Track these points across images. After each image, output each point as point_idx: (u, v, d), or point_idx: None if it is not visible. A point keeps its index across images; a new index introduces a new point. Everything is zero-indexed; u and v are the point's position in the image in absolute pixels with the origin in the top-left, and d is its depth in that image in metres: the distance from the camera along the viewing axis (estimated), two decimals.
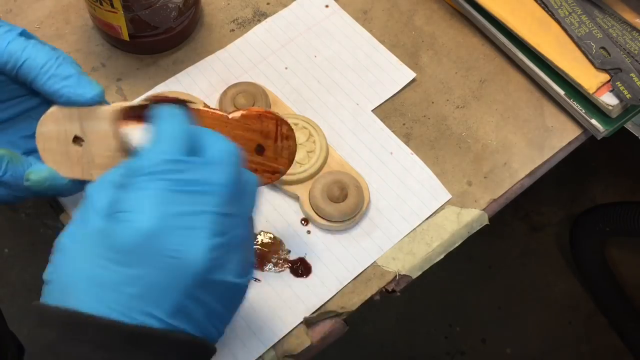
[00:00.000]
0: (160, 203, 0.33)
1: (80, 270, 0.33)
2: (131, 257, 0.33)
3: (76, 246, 0.34)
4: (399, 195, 0.55)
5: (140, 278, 0.32)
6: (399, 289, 0.52)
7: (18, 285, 1.23)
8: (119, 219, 0.33)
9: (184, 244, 0.33)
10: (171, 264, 0.33)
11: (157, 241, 0.33)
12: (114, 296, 0.32)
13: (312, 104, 0.59)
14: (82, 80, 0.41)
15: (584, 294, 1.28)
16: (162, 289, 0.33)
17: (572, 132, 0.59)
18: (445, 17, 0.64)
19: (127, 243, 0.32)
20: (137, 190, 0.34)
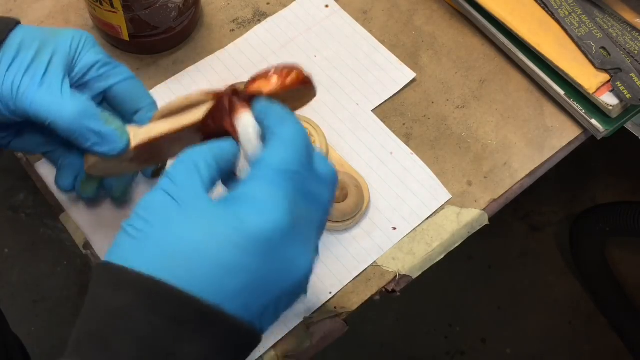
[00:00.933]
0: (293, 203, 0.34)
1: (193, 243, 0.32)
2: (257, 247, 0.32)
3: (184, 213, 0.33)
4: (399, 195, 0.55)
5: (255, 270, 0.33)
6: (399, 289, 0.52)
7: (18, 285, 1.23)
8: (245, 203, 0.33)
9: (301, 252, 0.34)
10: (286, 266, 0.34)
11: (284, 241, 0.33)
12: (228, 281, 0.32)
13: (312, 104, 0.58)
14: (106, 137, 0.41)
15: (584, 294, 1.28)
16: (267, 285, 0.33)
17: (572, 132, 0.59)
18: (445, 17, 0.64)
19: (257, 233, 0.33)
20: (269, 183, 0.34)
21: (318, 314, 0.50)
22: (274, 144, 0.36)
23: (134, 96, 0.46)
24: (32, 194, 1.31)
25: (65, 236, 1.26)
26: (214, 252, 0.32)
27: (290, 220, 0.33)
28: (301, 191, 0.35)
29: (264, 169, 0.34)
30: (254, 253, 0.32)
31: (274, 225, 0.33)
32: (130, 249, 0.33)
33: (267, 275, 0.33)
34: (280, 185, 0.34)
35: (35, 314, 1.21)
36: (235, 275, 0.32)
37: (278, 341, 0.49)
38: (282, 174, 0.34)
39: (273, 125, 0.36)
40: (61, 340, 1.19)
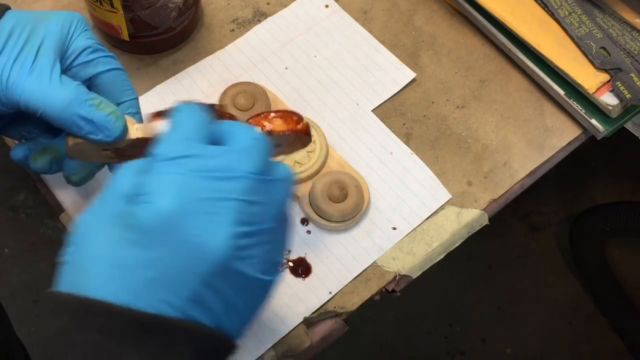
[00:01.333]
0: (182, 186, 0.32)
1: (97, 251, 0.32)
2: (150, 238, 0.32)
3: (93, 228, 0.33)
4: (399, 195, 0.55)
5: (158, 261, 0.31)
6: (399, 289, 0.52)
7: (18, 285, 1.23)
8: (139, 200, 0.32)
9: (205, 229, 0.32)
10: (191, 248, 0.32)
11: (177, 224, 0.32)
12: (129, 279, 0.31)
13: (312, 104, 0.59)
14: (100, 124, 0.40)
15: (584, 294, 1.28)
16: (180, 274, 0.32)
17: (572, 132, 0.59)
18: (445, 17, 0.64)
19: (147, 224, 0.32)
20: (158, 174, 0.33)
21: (318, 314, 0.50)
22: (163, 142, 0.35)
23: (118, 88, 0.44)
24: (32, 194, 1.31)
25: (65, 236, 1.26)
26: (113, 255, 0.32)
27: (180, 200, 0.32)
28: (202, 167, 0.33)
29: (151, 162, 0.34)
30: (147, 245, 0.32)
31: (157, 212, 0.32)
32: (64, 274, 0.34)
33: (175, 261, 0.32)
34: (169, 170, 0.33)
35: (35, 314, 1.21)
36: (141, 270, 0.31)
37: (278, 341, 0.49)
38: (172, 160, 0.33)
39: (173, 115, 0.36)
40: None
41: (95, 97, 0.40)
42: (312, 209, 0.53)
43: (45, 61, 0.40)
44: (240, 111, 0.56)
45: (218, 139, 0.36)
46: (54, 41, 0.41)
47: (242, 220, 0.33)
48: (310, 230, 0.53)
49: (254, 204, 0.33)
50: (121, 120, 0.40)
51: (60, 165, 0.46)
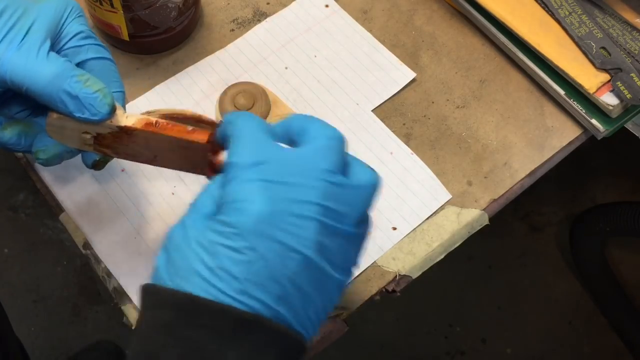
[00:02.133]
0: (268, 190, 0.34)
1: (194, 255, 0.34)
2: (245, 242, 0.33)
3: (189, 234, 0.34)
4: (399, 195, 0.55)
5: (252, 262, 0.33)
6: (399, 289, 0.52)
7: (18, 285, 1.23)
8: (230, 208, 0.34)
9: (293, 229, 0.33)
10: (281, 248, 0.33)
11: (269, 225, 0.33)
12: (226, 281, 0.33)
13: (312, 103, 0.59)
14: (85, 101, 0.39)
15: (584, 294, 1.28)
16: (271, 273, 0.33)
17: (572, 132, 0.59)
18: (445, 17, 0.64)
19: (243, 228, 0.33)
20: (243, 182, 0.34)
21: None
22: (230, 145, 0.36)
23: (105, 78, 0.43)
24: (32, 194, 1.31)
25: (65, 236, 1.26)
26: (210, 259, 0.33)
27: (270, 203, 0.33)
28: (279, 174, 0.34)
29: (230, 172, 0.35)
30: (241, 248, 0.33)
31: (251, 216, 0.33)
32: (164, 267, 0.35)
33: (267, 261, 0.33)
34: (251, 178, 0.34)
35: (35, 314, 1.21)
36: (236, 272, 0.33)
37: None
38: (247, 170, 0.34)
39: (228, 132, 0.37)
40: (61, 340, 1.19)
41: (83, 73, 0.39)
42: None
43: (34, 38, 0.39)
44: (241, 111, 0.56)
45: (292, 138, 0.37)
46: (46, 23, 0.40)
47: (326, 224, 0.34)
48: None
49: (336, 207, 0.35)
50: (108, 99, 0.39)
51: (31, 141, 0.44)
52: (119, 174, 0.55)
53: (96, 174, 0.55)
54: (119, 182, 0.54)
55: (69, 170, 0.55)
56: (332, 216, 0.34)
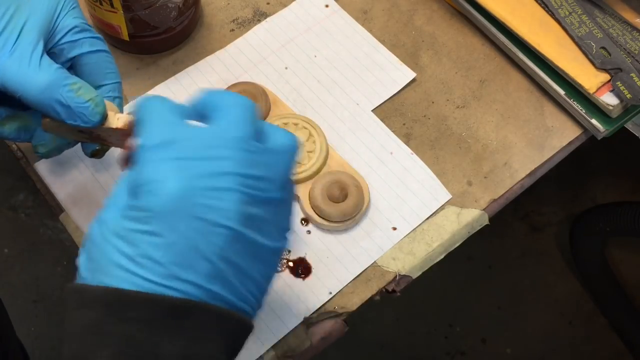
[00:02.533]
0: (181, 167, 0.32)
1: (112, 248, 0.32)
2: (163, 223, 0.32)
3: (105, 228, 0.33)
4: (399, 195, 0.55)
5: (175, 244, 0.32)
6: (399, 289, 0.52)
7: (18, 285, 1.23)
8: (142, 192, 0.32)
9: (213, 203, 0.32)
10: (202, 225, 0.32)
11: (185, 205, 0.32)
12: (150, 268, 0.32)
13: (312, 103, 0.59)
14: (76, 110, 0.39)
15: (584, 294, 1.27)
16: (196, 252, 0.32)
17: (572, 132, 0.59)
18: (445, 17, 0.64)
19: (157, 210, 0.32)
20: (152, 162, 0.33)
21: (318, 314, 0.50)
22: (139, 129, 0.35)
23: (101, 70, 0.43)
24: (32, 194, 1.31)
25: (65, 236, 1.26)
26: (130, 248, 0.32)
27: (184, 180, 0.32)
28: (189, 149, 0.33)
29: (139, 154, 0.34)
30: (160, 231, 0.32)
31: (165, 196, 0.32)
32: (84, 268, 0.34)
33: (190, 240, 0.32)
34: (160, 157, 0.33)
35: (35, 314, 1.21)
36: (159, 257, 0.32)
37: (278, 341, 0.49)
38: (156, 149, 0.33)
39: (139, 116, 0.36)
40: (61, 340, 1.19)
41: (75, 81, 0.39)
42: (312, 209, 0.53)
43: (27, 41, 0.39)
44: None
45: (203, 114, 0.36)
46: (39, 20, 0.40)
47: (247, 192, 0.33)
48: (310, 230, 0.53)
49: (255, 173, 0.33)
50: (100, 107, 0.39)
51: (30, 135, 0.45)
52: (119, 174, 0.55)
53: (96, 174, 0.55)
54: None
55: (69, 170, 0.55)
56: (253, 184, 0.33)
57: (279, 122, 0.56)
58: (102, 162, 0.55)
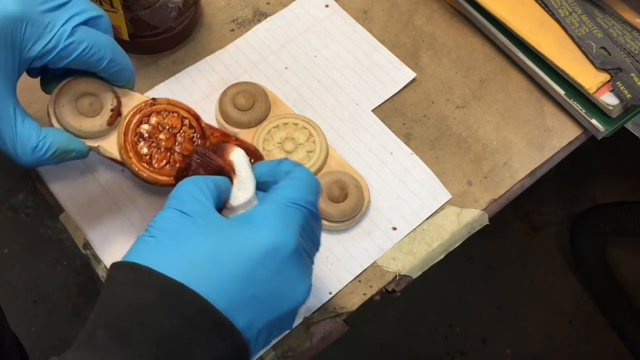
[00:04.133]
0: (298, 232, 0.36)
1: (206, 250, 0.34)
2: (266, 262, 0.34)
3: (198, 225, 0.35)
4: (399, 195, 0.55)
5: (262, 283, 0.34)
6: (399, 289, 0.52)
7: (18, 285, 1.23)
8: (260, 224, 0.36)
9: (302, 277, 0.36)
10: (289, 289, 0.35)
11: (290, 262, 0.35)
12: (233, 287, 0.33)
13: (312, 103, 0.59)
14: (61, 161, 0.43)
15: (584, 294, 1.27)
16: (270, 304, 0.35)
17: (572, 132, 0.59)
18: (445, 17, 0.64)
19: (269, 250, 0.35)
20: (280, 210, 0.37)
21: (318, 314, 0.50)
22: (288, 181, 0.38)
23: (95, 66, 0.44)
24: (32, 194, 1.31)
25: (65, 236, 1.26)
26: (229, 261, 0.34)
27: (297, 245, 0.35)
28: (305, 227, 0.37)
29: (277, 198, 0.37)
30: (266, 267, 0.34)
31: (283, 244, 0.35)
32: (150, 252, 0.34)
33: (274, 291, 0.34)
34: (290, 214, 0.36)
35: (35, 314, 1.20)
36: (248, 285, 0.34)
37: (278, 341, 0.49)
38: (293, 206, 0.37)
39: (287, 168, 0.40)
40: (61, 340, 1.19)
41: (54, 151, 0.42)
42: None
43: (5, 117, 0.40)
44: (240, 111, 0.56)
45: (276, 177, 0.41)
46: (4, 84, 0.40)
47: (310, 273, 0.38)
48: None
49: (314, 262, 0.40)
50: (83, 152, 0.44)
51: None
52: (119, 174, 0.55)
53: (96, 175, 0.55)
54: (119, 182, 0.54)
55: (69, 170, 0.55)
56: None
57: (279, 122, 0.56)
58: (103, 163, 0.55)
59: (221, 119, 0.56)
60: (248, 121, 0.56)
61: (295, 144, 0.55)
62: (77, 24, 0.41)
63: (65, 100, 0.45)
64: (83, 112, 0.45)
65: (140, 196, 0.54)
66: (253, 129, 0.56)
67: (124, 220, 0.53)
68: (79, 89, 0.45)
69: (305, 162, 0.54)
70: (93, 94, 0.46)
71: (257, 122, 0.56)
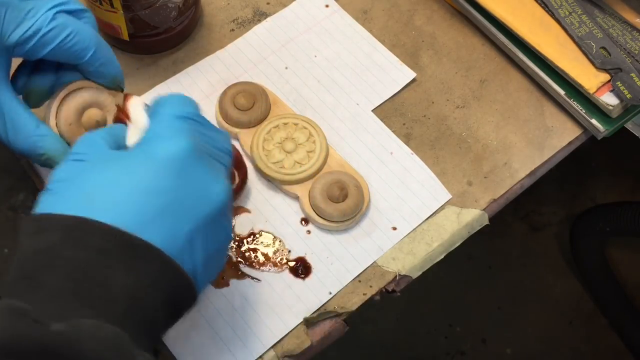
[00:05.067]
0: (193, 137, 0.36)
1: (108, 178, 0.34)
2: (166, 172, 0.34)
3: (97, 164, 0.35)
4: (399, 195, 0.55)
5: (170, 193, 0.34)
6: (399, 289, 0.52)
7: None
8: (154, 139, 0.36)
9: (212, 179, 0.36)
10: (200, 189, 0.35)
11: (189, 165, 0.35)
12: (141, 206, 0.33)
13: (312, 103, 0.59)
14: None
15: (584, 294, 1.27)
16: (187, 210, 0.34)
17: (572, 132, 0.59)
18: (446, 17, 0.64)
19: (165, 158, 0.34)
20: (169, 123, 0.37)
21: (318, 314, 0.50)
22: (168, 103, 0.38)
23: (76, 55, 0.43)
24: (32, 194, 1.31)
25: None
26: (129, 181, 0.33)
27: (193, 147, 0.35)
28: (200, 132, 0.37)
29: (163, 115, 0.37)
30: (165, 175, 0.34)
31: (178, 149, 0.35)
32: (50, 200, 0.34)
33: (184, 197, 0.34)
34: (179, 123, 0.37)
35: None
36: (152, 197, 0.33)
37: (278, 341, 0.49)
38: (179, 118, 0.37)
39: (165, 98, 0.40)
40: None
41: (44, 153, 0.42)
42: (312, 209, 0.53)
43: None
44: (240, 111, 0.56)
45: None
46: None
47: (227, 179, 0.38)
48: (310, 230, 0.53)
49: (229, 170, 0.40)
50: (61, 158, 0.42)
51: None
52: None
53: None
54: None
55: None
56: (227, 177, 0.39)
57: (279, 122, 0.56)
58: None
59: (221, 119, 0.56)
60: (248, 121, 0.56)
61: (295, 144, 0.55)
62: (60, 11, 0.40)
63: (72, 119, 0.44)
64: (87, 128, 0.44)
65: None
66: (253, 129, 0.56)
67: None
68: (82, 100, 0.44)
69: (305, 162, 0.54)
70: (97, 105, 0.45)
71: (257, 122, 0.56)
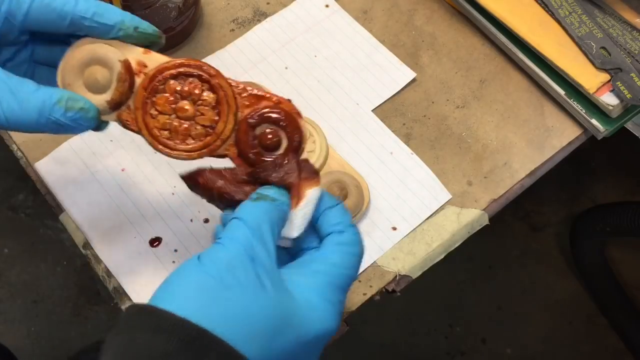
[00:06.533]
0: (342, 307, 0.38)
1: (252, 313, 0.33)
2: (306, 345, 0.35)
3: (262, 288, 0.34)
4: (399, 195, 0.55)
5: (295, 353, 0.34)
6: (399, 289, 0.52)
7: (18, 285, 1.23)
8: (310, 311, 0.35)
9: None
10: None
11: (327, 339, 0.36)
12: (268, 350, 0.32)
13: (312, 103, 0.59)
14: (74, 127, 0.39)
15: (584, 294, 1.27)
16: (303, 347, 0.34)
17: (572, 132, 0.59)
18: (445, 17, 0.64)
19: (313, 337, 0.35)
20: (330, 293, 0.37)
21: None
22: (342, 253, 0.38)
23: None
24: (32, 194, 1.31)
25: (65, 236, 1.26)
26: (280, 339, 0.33)
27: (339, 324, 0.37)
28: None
29: (331, 270, 0.37)
30: (302, 347, 0.34)
31: (329, 331, 0.36)
32: (203, 297, 0.32)
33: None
34: (339, 294, 0.37)
35: (35, 314, 1.20)
36: (283, 355, 0.33)
37: None
38: (342, 287, 0.37)
39: (339, 227, 0.39)
40: (61, 340, 1.19)
41: (60, 97, 0.38)
42: None
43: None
44: None
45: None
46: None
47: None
48: None
49: None
50: (92, 112, 0.39)
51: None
52: (119, 174, 0.55)
53: (96, 175, 0.55)
54: (119, 182, 0.54)
55: (69, 170, 0.55)
56: None
57: None
58: (103, 163, 0.55)
59: None
60: None
61: None
62: None
63: (70, 78, 0.40)
64: (89, 88, 0.40)
65: (140, 195, 0.54)
66: None
67: (123, 220, 0.53)
68: (86, 56, 0.40)
69: None
70: (103, 63, 0.41)
71: None
